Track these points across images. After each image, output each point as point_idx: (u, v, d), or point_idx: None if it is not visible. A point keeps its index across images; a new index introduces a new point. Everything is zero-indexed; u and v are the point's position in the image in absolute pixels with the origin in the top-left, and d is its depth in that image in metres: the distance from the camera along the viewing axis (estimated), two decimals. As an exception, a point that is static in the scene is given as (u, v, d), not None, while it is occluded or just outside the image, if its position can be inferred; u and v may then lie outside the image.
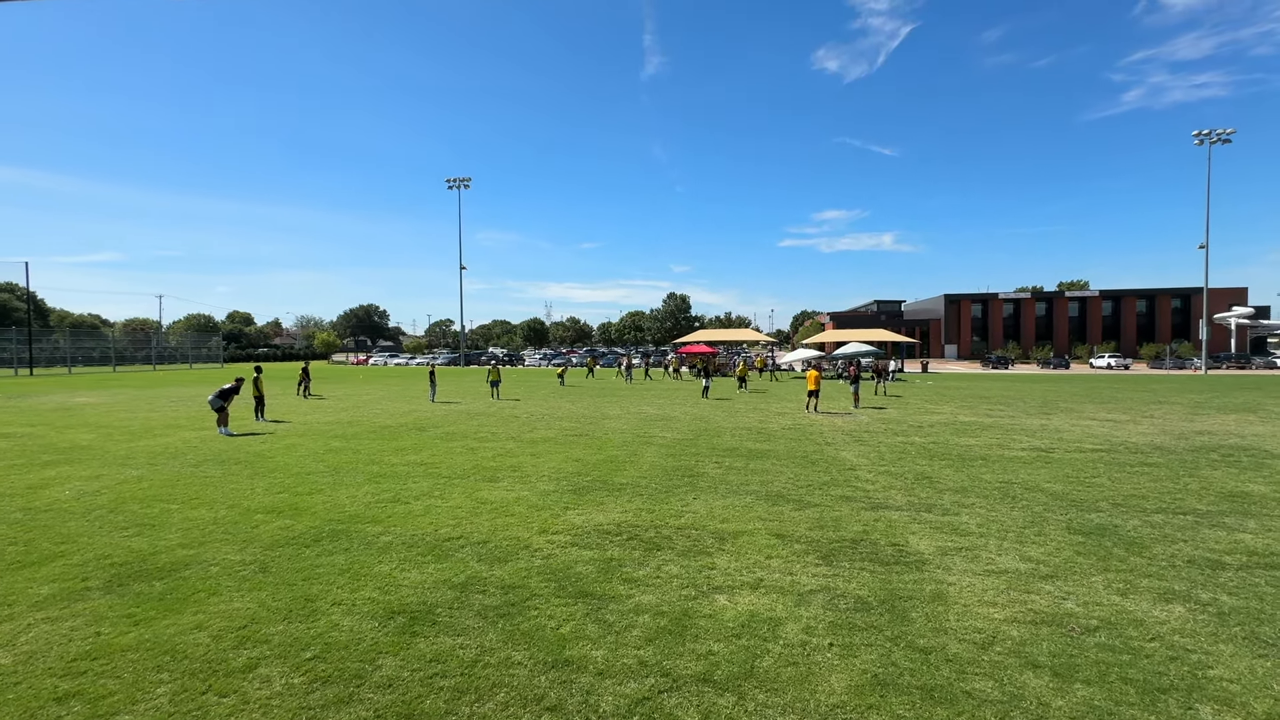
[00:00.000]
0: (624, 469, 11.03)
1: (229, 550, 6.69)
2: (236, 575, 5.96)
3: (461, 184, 71.13)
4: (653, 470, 10.89)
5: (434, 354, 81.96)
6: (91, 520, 7.90)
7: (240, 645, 4.61)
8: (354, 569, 6.11)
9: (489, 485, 9.74)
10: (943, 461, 11.79)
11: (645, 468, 11.14)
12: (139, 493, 9.37)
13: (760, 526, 7.52)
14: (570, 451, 12.86)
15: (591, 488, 9.58)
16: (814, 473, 10.68)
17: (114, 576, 5.94)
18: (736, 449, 13.13)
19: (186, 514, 8.15)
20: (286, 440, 14.45)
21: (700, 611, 5.18)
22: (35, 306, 71.07)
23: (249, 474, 10.69)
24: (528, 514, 8.09)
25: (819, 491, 9.30)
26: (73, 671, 4.27)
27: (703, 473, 10.71)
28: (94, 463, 11.79)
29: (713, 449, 13.14)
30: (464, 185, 71.13)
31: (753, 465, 11.35)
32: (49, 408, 22.83)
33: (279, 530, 7.39)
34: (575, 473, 10.71)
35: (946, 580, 5.86)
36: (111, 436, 15.27)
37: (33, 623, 5.01)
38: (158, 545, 6.86)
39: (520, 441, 14.19)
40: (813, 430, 16.14)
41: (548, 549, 6.71)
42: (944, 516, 8.03)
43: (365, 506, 8.46)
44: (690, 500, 8.78)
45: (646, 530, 7.38)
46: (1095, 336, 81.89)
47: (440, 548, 6.75)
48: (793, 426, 16.91)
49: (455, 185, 71.28)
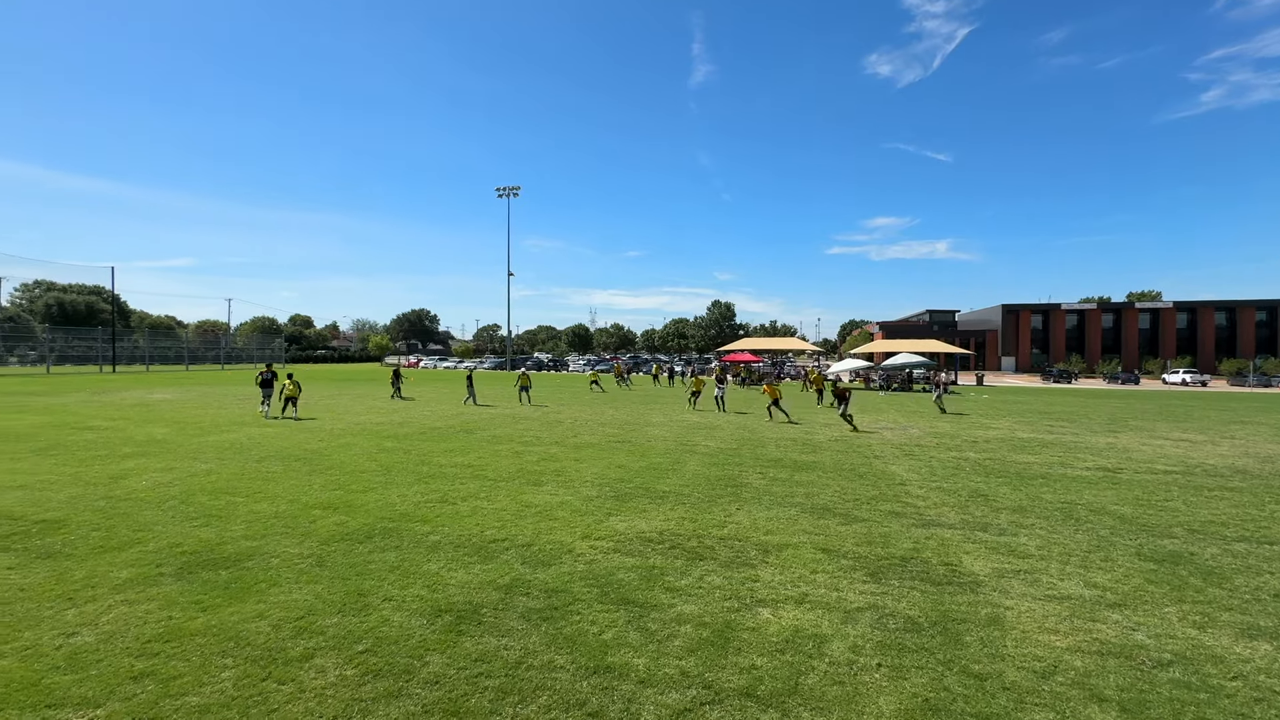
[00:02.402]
0: (666, 477, 11.00)
1: (288, 543, 6.99)
2: (295, 568, 6.22)
3: (510, 192, 72.82)
4: (695, 479, 10.83)
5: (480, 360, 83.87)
6: (165, 510, 8.39)
7: (298, 635, 4.81)
8: (404, 566, 6.29)
9: (533, 489, 9.88)
10: (999, 479, 11.30)
11: (688, 476, 11.09)
12: (207, 485, 9.90)
13: (805, 540, 7.38)
14: (613, 458, 12.92)
15: (634, 494, 9.59)
16: (862, 487, 10.42)
17: (184, 564, 6.29)
18: (781, 460, 12.93)
19: (250, 507, 8.56)
20: (342, 440, 15.02)
21: (743, 624, 5.11)
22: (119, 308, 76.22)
23: (307, 470, 11.15)
24: (571, 519, 8.16)
25: (867, 506, 9.06)
26: (147, 652, 4.53)
27: (746, 483, 10.58)
28: (167, 456, 12.54)
29: (757, 459, 12.98)
30: (513, 194, 72.82)
31: (798, 477, 11.16)
32: (129, 403, 24.43)
33: (334, 526, 7.68)
34: (618, 479, 10.75)
35: (1003, 604, 5.60)
36: (183, 431, 16.20)
37: (113, 604, 5.35)
38: (224, 536, 7.23)
39: (564, 446, 14.33)
40: (860, 443, 15.76)
41: (590, 554, 6.75)
42: (1000, 537, 7.69)
43: (415, 506, 8.71)
44: (734, 510, 8.68)
45: (689, 539, 7.33)
46: (1169, 350, 77.08)
47: (486, 549, 6.87)
48: (839, 439, 16.54)
49: (504, 194, 73.03)
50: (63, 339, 61.51)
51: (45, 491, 9.40)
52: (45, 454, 12.65)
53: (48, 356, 56.53)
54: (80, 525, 7.65)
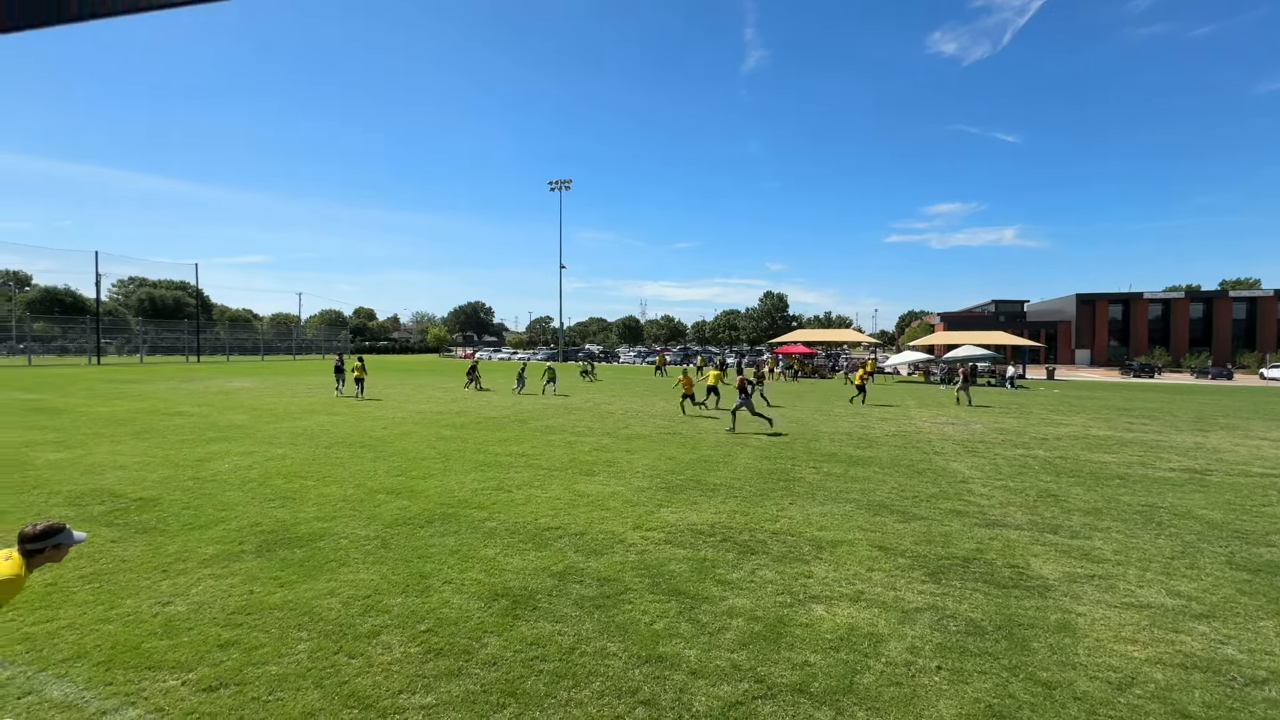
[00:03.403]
0: (718, 469, 11.00)
1: (356, 525, 7.36)
2: (362, 549, 6.55)
3: (563, 186, 73.49)
4: (747, 472, 10.79)
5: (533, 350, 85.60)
6: (245, 491, 8.98)
7: (366, 613, 5.07)
8: (463, 551, 6.52)
9: (586, 479, 10.04)
10: (1071, 479, 10.73)
11: (739, 469, 11.05)
12: (283, 469, 10.53)
13: (861, 537, 7.24)
14: (664, 449, 12.98)
15: (685, 486, 9.62)
16: (921, 483, 10.13)
17: (263, 542, 6.73)
18: (836, 454, 12.71)
19: (321, 490, 9.07)
20: (403, 427, 15.65)
21: (796, 620, 5.06)
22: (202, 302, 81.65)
23: (372, 457, 11.68)
24: (623, 509, 8.26)
25: (926, 504, 8.80)
26: (232, 623, 4.88)
27: (799, 477, 10.47)
28: (247, 441, 13.39)
29: (810, 453, 12.80)
30: (565, 187, 73.44)
31: (853, 472, 10.95)
32: (212, 391, 26.20)
33: (398, 510, 8.04)
34: (669, 470, 10.81)
35: (1075, 610, 5.33)
36: (260, 418, 17.26)
37: (201, 578, 5.78)
38: (298, 517, 7.69)
39: (615, 438, 14.49)
40: (920, 438, 15.26)
41: (642, 544, 6.82)
42: (1072, 539, 7.31)
43: (472, 493, 9.01)
44: (786, 505, 8.61)
45: (741, 533, 7.32)
46: (1269, 343, 70.82)
47: (540, 536, 7.04)
48: (897, 433, 16.07)
49: (557, 187, 73.78)
50: (154, 331, 66.50)
51: (141, 472, 10.21)
52: (141, 437, 13.72)
53: (141, 347, 61.30)
54: (171, 504, 8.28)
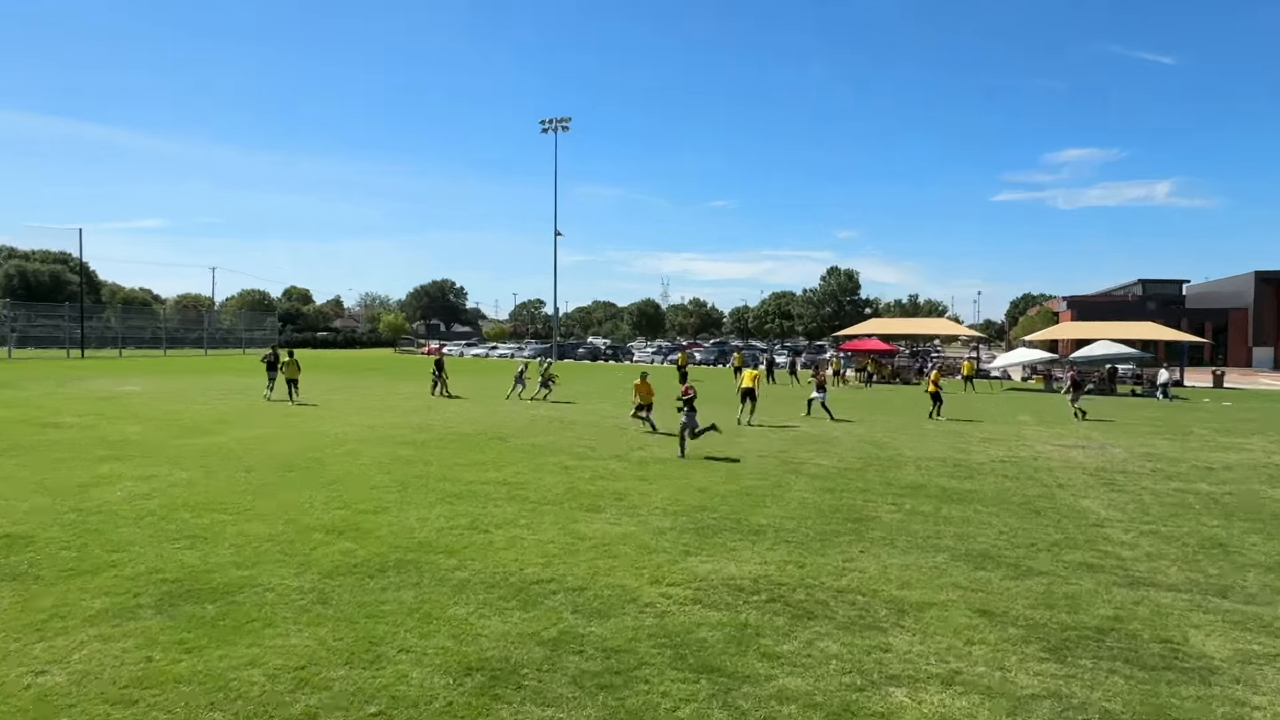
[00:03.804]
0: (764, 504, 11.05)
1: (285, 574, 7.51)
2: (293, 605, 6.67)
3: (559, 126, 73.81)
4: (803, 509, 10.83)
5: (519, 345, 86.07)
6: (143, 527, 9.18)
7: (298, 689, 5.14)
8: (424, 609, 6.60)
9: (588, 515, 10.15)
10: (1246, 523, 10.58)
11: (793, 505, 11.08)
12: (191, 499, 10.75)
13: (957, 598, 7.22)
14: (691, 477, 13.03)
15: (720, 527, 9.69)
16: (1039, 527, 10.09)
17: (166, 594, 6.88)
18: (923, 486, 12.69)
19: (240, 527, 9.28)
20: (348, 445, 15.89)
21: (869, 708, 5.04)
22: (88, 279, 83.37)
23: (306, 483, 11.90)
24: (637, 556, 8.32)
25: (1046, 555, 8.77)
26: (125, 699, 4.97)
27: (874, 517, 10.50)
28: (145, 461, 13.69)
29: (888, 485, 12.79)
30: (562, 127, 73.78)
31: (946, 511, 10.94)
32: (100, 395, 26.79)
33: (340, 555, 8.18)
34: (698, 506, 10.87)
35: (1251, 701, 5.24)
36: (163, 431, 17.64)
37: (86, 639, 5.90)
38: (210, 562, 7.86)
39: (627, 461, 14.56)
40: (1038, 466, 15.15)
41: (662, 605, 6.86)
42: (1247, 605, 7.21)
43: (438, 533, 9.15)
44: (855, 554, 8.66)
45: (794, 590, 7.34)
46: None
47: (527, 591, 7.11)
48: (1007, 459, 15.98)
49: (551, 127, 74.08)
50: (25, 316, 67.94)
51: (8, 501, 10.47)
52: (7, 455, 14.07)
53: (9, 338, 62.62)
54: (48, 543, 8.47)
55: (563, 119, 73.82)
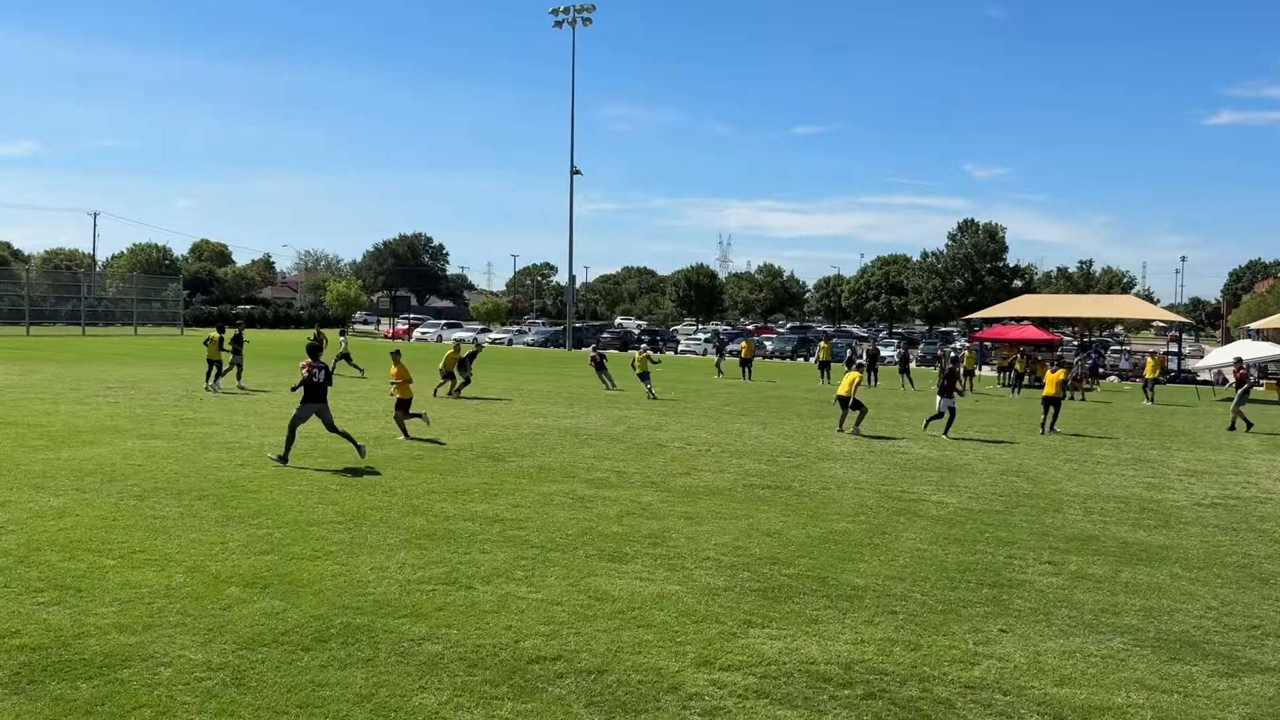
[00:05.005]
0: (861, 557, 9.52)
1: (187, 642, 6.26)
2: (198, 687, 5.48)
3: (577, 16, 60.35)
4: (918, 565, 9.29)
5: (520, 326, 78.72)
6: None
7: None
8: (378, 698, 5.36)
9: (610, 567, 8.75)
10: None
11: (903, 559, 9.53)
12: (60, 535, 9.29)
13: (1144, 701, 5.89)
14: (757, 516, 11.35)
15: (797, 589, 8.26)
16: (1266, 601, 8.52)
17: (24, 666, 5.73)
18: (1095, 538, 10.90)
19: (127, 575, 7.96)
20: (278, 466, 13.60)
21: None
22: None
23: (220, 515, 10.28)
24: (678, 627, 6.97)
25: (1276, 641, 7.22)
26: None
27: (1021, 580, 8.86)
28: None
29: (1043, 534, 11.02)
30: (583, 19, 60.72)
31: (1128, 574, 9.30)
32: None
33: (263, 616, 6.85)
34: (766, 557, 9.37)
35: None
36: (23, 441, 15.40)
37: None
38: (85, 623, 6.57)
39: (666, 491, 12.89)
40: (1266, 513, 13.08)
41: (713, 697, 5.59)
42: None
43: (401, 587, 7.77)
44: (994, 633, 7.18)
45: (904, 684, 5.97)
46: None
47: (524, 674, 5.87)
48: (1220, 500, 13.95)
49: (566, 20, 61.43)
50: None
51: None
52: None
53: None
54: None
55: (584, 6, 61.25)
